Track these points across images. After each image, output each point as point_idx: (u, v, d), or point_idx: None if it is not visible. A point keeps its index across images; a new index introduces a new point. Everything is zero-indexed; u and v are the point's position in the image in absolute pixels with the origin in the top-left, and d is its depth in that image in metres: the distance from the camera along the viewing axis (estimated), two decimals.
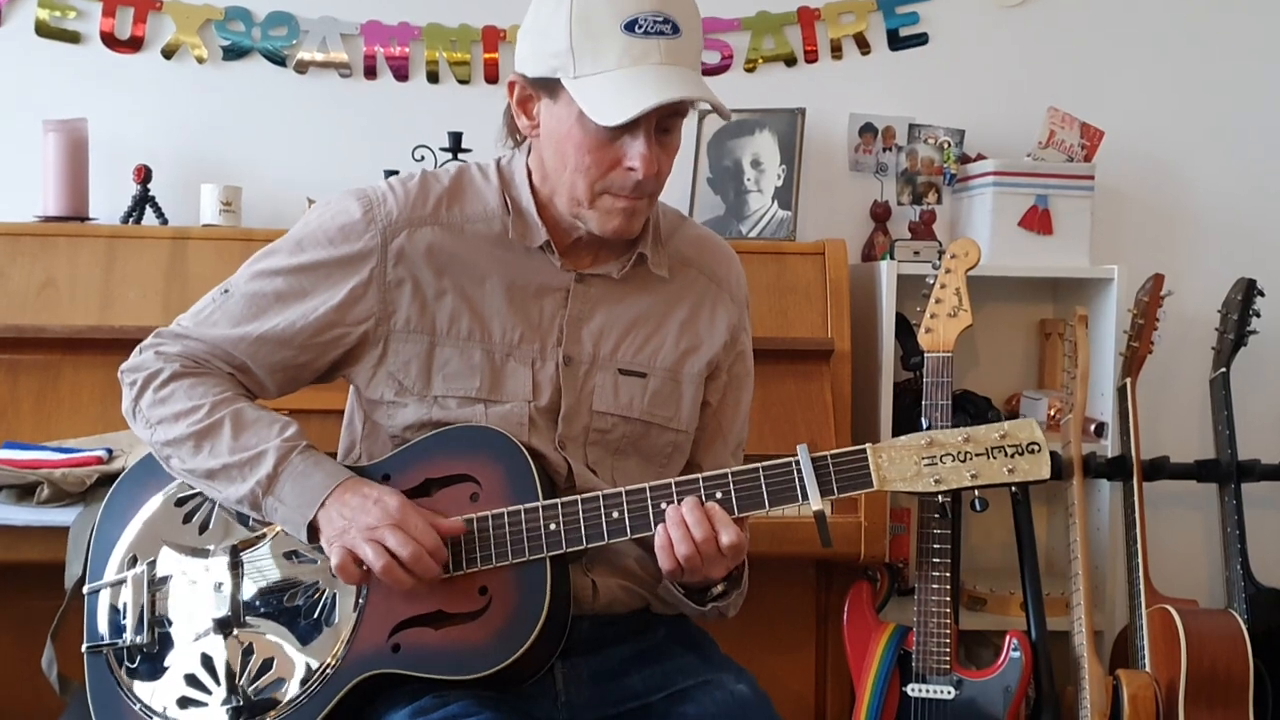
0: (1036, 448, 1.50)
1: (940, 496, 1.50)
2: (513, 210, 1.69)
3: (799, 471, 1.54)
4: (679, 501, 1.55)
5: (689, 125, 2.87)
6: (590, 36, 1.55)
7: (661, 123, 1.59)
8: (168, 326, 1.71)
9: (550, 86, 1.60)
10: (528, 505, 1.57)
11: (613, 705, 1.67)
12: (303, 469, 1.59)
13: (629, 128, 1.56)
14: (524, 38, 1.64)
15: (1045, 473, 1.50)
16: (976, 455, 1.51)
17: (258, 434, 1.61)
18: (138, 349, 1.70)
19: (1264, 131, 3.18)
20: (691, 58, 1.60)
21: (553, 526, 1.56)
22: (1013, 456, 1.51)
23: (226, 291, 1.69)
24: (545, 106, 1.62)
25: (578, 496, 1.58)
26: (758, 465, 1.56)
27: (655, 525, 1.55)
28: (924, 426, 2.13)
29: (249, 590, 1.65)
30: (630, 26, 1.54)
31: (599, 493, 1.58)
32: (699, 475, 1.57)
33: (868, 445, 1.54)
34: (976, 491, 1.52)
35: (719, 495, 1.55)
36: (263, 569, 1.66)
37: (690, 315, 1.76)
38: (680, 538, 1.53)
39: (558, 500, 1.58)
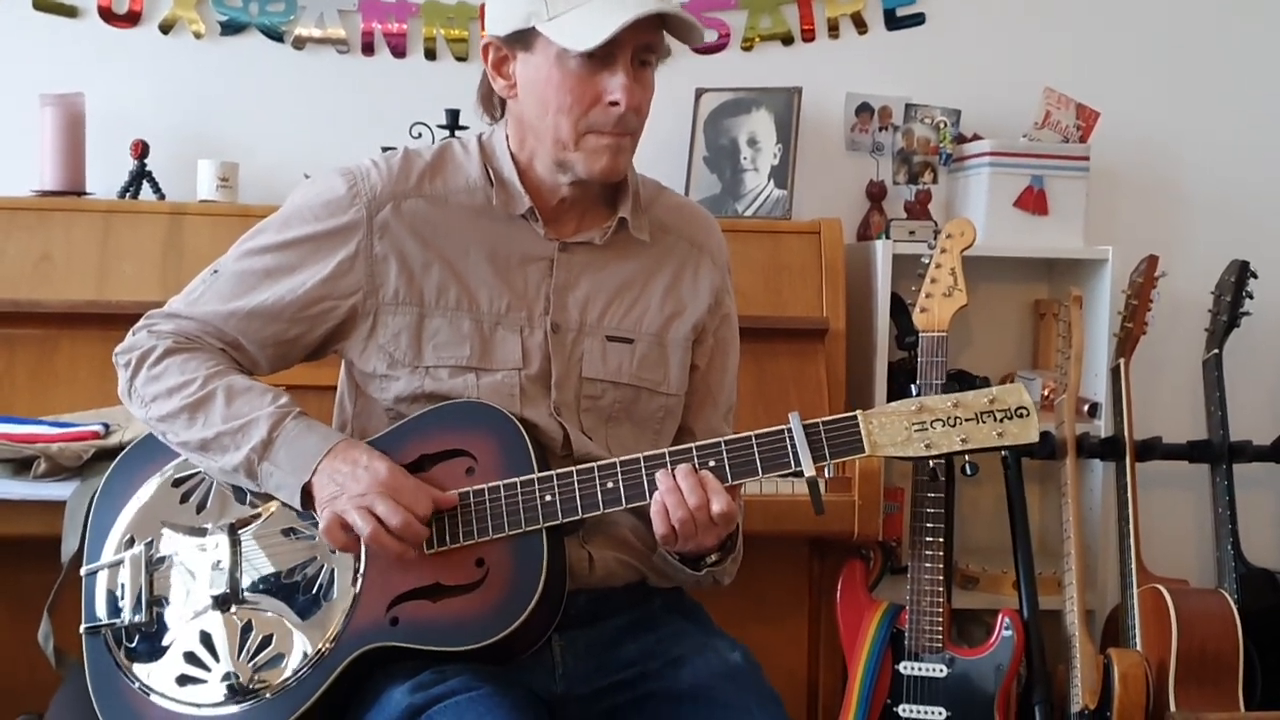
0: (1025, 412, 1.51)
1: (930, 461, 1.51)
2: (495, 180, 1.71)
3: (791, 438, 1.55)
4: (673, 470, 1.56)
5: (686, 104, 2.92)
6: None
7: (638, 54, 1.62)
8: (160, 307, 1.72)
9: (525, 38, 1.62)
10: (523, 478, 1.58)
11: (609, 675, 1.68)
12: (296, 433, 1.60)
13: (607, 62, 1.60)
14: (492, 2, 1.68)
15: (1034, 436, 1.51)
16: (966, 420, 1.52)
17: (251, 402, 1.62)
18: (131, 331, 1.72)
19: (1258, 114, 3.18)
20: None
21: (548, 498, 1.57)
22: (1001, 421, 1.51)
23: (216, 272, 1.71)
24: (521, 61, 1.65)
25: (573, 468, 1.59)
26: (750, 434, 1.57)
27: (650, 494, 1.56)
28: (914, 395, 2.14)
29: (247, 567, 1.65)
30: None
31: (593, 464, 1.59)
32: (692, 444, 1.58)
33: (859, 411, 1.55)
34: (967, 456, 1.53)
35: (712, 463, 1.56)
36: (261, 546, 1.66)
37: (673, 280, 1.77)
38: (675, 503, 1.54)
39: (553, 472, 1.59)
